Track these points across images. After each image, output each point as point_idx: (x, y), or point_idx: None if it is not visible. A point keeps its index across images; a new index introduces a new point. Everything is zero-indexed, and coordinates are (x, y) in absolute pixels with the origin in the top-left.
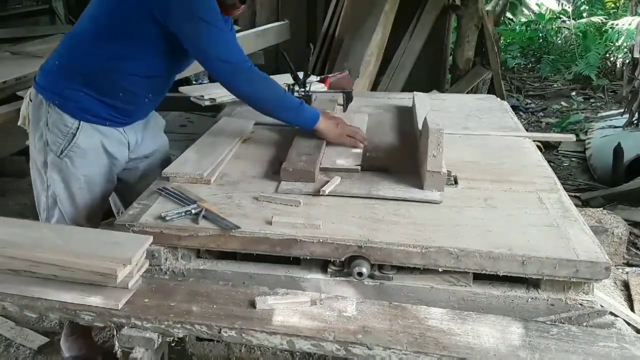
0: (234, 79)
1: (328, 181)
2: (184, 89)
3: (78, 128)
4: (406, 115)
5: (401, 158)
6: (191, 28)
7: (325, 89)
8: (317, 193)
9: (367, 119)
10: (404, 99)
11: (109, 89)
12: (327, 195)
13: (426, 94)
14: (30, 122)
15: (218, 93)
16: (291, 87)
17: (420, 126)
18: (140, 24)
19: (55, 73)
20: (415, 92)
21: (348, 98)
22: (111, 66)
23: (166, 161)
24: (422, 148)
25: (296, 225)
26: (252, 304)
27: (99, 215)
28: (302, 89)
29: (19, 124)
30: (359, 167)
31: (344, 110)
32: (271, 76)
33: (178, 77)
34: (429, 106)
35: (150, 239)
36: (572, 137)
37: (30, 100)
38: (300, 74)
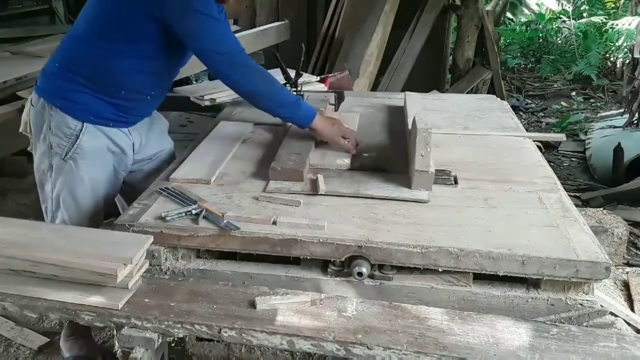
0: (229, 70)
1: (314, 179)
2: (183, 89)
3: (81, 130)
4: (398, 115)
5: (391, 157)
6: (187, 19)
7: (326, 88)
8: (308, 193)
9: (359, 118)
10: (397, 99)
11: (110, 88)
12: (319, 195)
13: (421, 94)
14: (32, 127)
15: (218, 93)
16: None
17: (410, 126)
18: (139, 20)
19: (56, 75)
20: (407, 92)
21: (340, 98)
22: (111, 64)
23: (171, 162)
24: (411, 147)
25: (300, 225)
26: (252, 304)
27: (101, 217)
28: (294, 89)
29: (20, 130)
30: (348, 166)
31: (336, 110)
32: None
33: (178, 76)
34: (421, 106)
35: (151, 238)
36: (562, 136)
37: (32, 105)
38: (293, 73)
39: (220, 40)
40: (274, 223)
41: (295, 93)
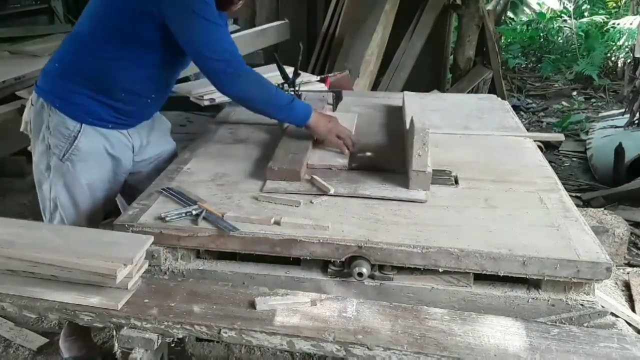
0: (224, 77)
1: (312, 179)
2: (180, 86)
3: (80, 131)
4: (397, 115)
5: (389, 157)
6: (185, 22)
7: (326, 88)
8: (317, 193)
9: (357, 118)
10: (396, 98)
11: (110, 90)
12: (328, 195)
13: (420, 93)
14: (32, 126)
15: (217, 93)
16: (281, 86)
17: (408, 126)
18: (139, 23)
19: (56, 75)
20: (405, 92)
21: (337, 97)
22: (112, 67)
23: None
24: (408, 147)
25: (304, 226)
26: (252, 305)
27: (99, 217)
28: (292, 88)
29: (21, 129)
30: (346, 166)
31: (334, 110)
32: (264, 74)
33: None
34: (419, 106)
35: (151, 238)
36: (560, 136)
37: (32, 105)
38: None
39: (217, 46)
40: (277, 224)
41: (292, 93)
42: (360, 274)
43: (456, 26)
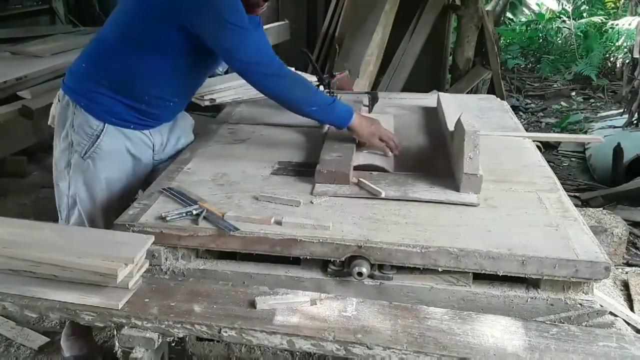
0: (265, 80)
1: (357, 182)
2: None
3: (102, 130)
4: (431, 115)
5: (431, 159)
6: (220, 33)
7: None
8: (369, 197)
9: (393, 119)
10: (426, 99)
11: (134, 93)
12: (381, 198)
13: (452, 94)
14: (56, 122)
15: (218, 93)
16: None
17: (450, 127)
18: (167, 31)
19: (82, 75)
20: (440, 93)
21: (374, 99)
22: (138, 72)
23: None
24: (455, 149)
25: (306, 225)
26: (252, 304)
27: (116, 213)
28: (327, 90)
29: (49, 123)
30: (392, 168)
31: (370, 112)
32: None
33: None
34: (458, 106)
35: (152, 238)
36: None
37: (58, 100)
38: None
39: (255, 51)
40: (279, 223)
41: (328, 94)
42: (360, 274)
43: (455, 27)
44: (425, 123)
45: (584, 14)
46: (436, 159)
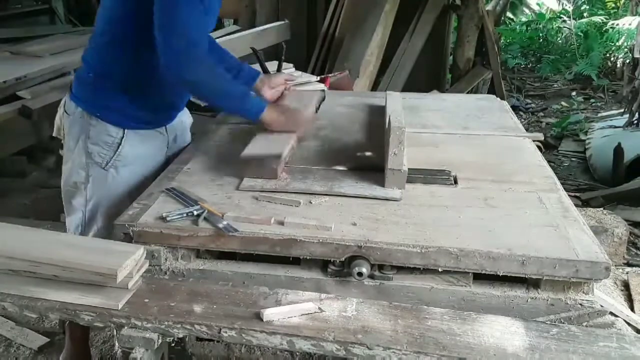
0: (182, 57)
1: (287, 178)
2: None
3: (123, 137)
4: (380, 114)
5: (368, 156)
6: None
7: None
8: (280, 190)
9: (339, 118)
10: (379, 97)
11: (148, 93)
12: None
13: (401, 93)
14: (66, 136)
15: None
16: None
17: (387, 125)
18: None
19: (92, 84)
20: (388, 92)
21: (321, 98)
22: (144, 72)
23: None
24: (387, 146)
25: (308, 226)
26: (254, 307)
27: None
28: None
29: (53, 134)
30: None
31: (316, 112)
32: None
33: None
34: (399, 104)
35: (142, 249)
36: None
37: (67, 113)
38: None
39: (185, 22)
40: (281, 224)
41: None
42: (360, 274)
43: (456, 26)
44: (369, 121)
45: (585, 14)
46: (374, 155)
